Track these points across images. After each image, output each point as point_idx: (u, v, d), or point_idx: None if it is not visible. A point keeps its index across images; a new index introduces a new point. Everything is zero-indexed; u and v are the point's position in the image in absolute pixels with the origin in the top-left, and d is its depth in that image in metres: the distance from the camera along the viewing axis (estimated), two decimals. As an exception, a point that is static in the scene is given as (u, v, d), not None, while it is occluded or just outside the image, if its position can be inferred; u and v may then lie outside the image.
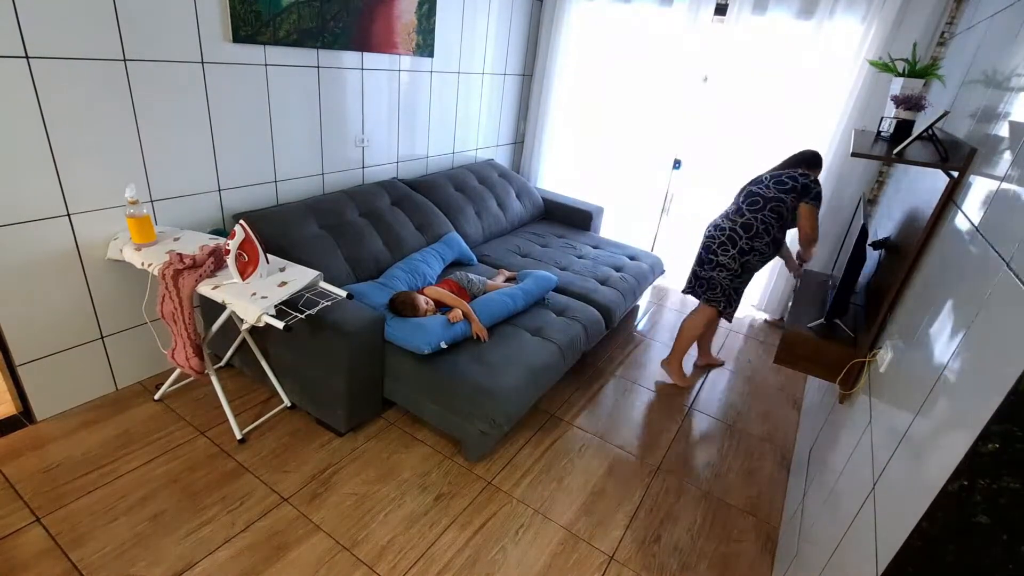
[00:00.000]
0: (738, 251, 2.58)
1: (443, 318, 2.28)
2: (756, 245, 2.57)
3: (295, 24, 2.44)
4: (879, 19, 2.94)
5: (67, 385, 2.20)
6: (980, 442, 0.78)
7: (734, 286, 2.66)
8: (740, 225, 2.58)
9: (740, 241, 2.57)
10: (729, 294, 2.68)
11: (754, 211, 2.55)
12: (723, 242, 2.62)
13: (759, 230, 2.54)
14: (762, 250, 2.58)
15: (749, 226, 2.56)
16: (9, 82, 1.73)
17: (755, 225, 2.54)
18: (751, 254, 2.59)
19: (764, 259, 2.65)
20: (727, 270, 2.62)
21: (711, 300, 2.70)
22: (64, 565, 1.64)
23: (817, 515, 1.62)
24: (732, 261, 2.59)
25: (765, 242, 2.56)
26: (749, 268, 2.65)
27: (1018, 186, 1.05)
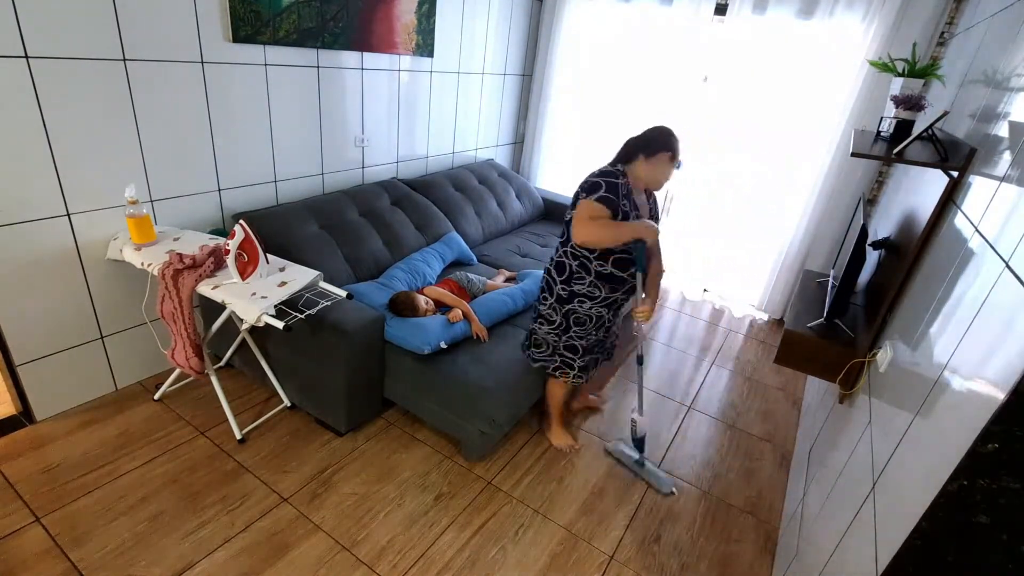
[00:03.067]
0: (556, 299, 2.01)
1: (443, 318, 2.28)
2: (577, 289, 1.95)
3: (295, 24, 2.44)
4: (879, 19, 2.94)
5: (67, 385, 2.20)
6: (980, 442, 0.78)
7: (566, 343, 2.06)
8: (554, 266, 1.99)
9: (556, 287, 1.99)
10: (561, 354, 2.09)
11: (563, 244, 1.96)
12: (543, 288, 2.07)
13: (573, 268, 1.93)
14: (589, 294, 1.95)
15: (561, 266, 1.96)
16: (9, 82, 1.73)
17: (566, 263, 1.94)
18: (574, 301, 1.97)
19: (605, 303, 1.98)
20: (548, 323, 2.07)
21: (537, 360, 2.16)
22: (64, 565, 1.64)
23: (817, 515, 1.62)
24: (552, 312, 2.04)
25: (589, 282, 1.94)
26: (584, 319, 2.00)
27: (1018, 186, 1.05)
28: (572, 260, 1.94)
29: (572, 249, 1.92)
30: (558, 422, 2.37)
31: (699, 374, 3.08)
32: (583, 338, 2.06)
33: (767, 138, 3.51)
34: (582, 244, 1.83)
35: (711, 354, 3.31)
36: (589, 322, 2.03)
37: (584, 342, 2.07)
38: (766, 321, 3.83)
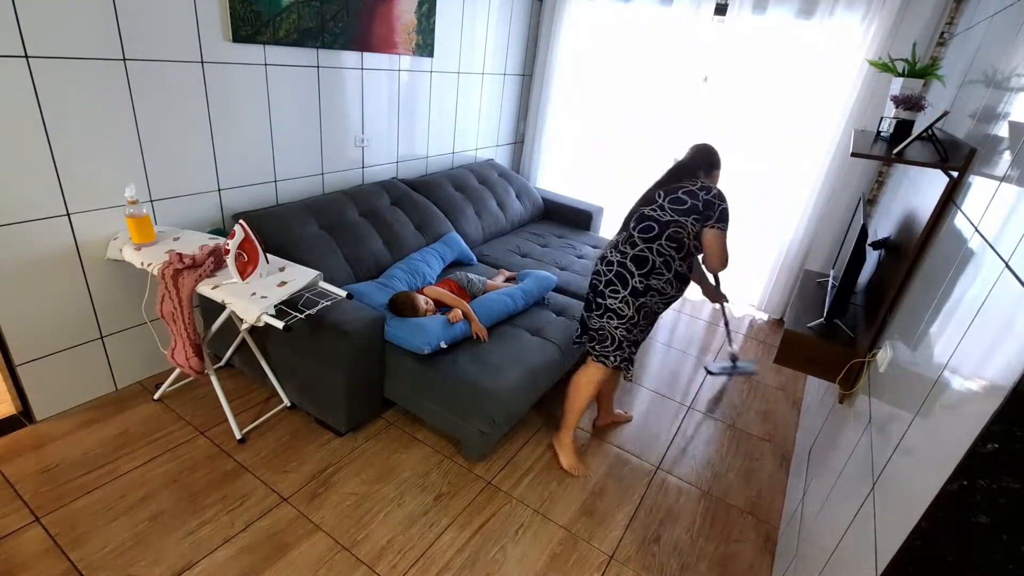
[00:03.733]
0: (630, 292, 2.00)
1: (443, 318, 2.28)
2: (654, 283, 2.00)
3: (295, 24, 2.44)
4: (879, 19, 2.94)
5: (67, 385, 2.20)
6: (980, 442, 0.78)
7: (631, 338, 2.07)
8: (631, 259, 2.00)
9: (632, 280, 1.99)
10: (625, 348, 2.09)
11: (648, 240, 1.99)
12: (610, 281, 2.03)
13: (656, 264, 1.98)
14: (662, 289, 2.02)
15: (643, 260, 1.99)
16: (9, 82, 1.73)
17: (650, 258, 1.98)
18: (648, 295, 2.01)
19: (667, 300, 2.08)
20: (619, 317, 2.04)
21: (601, 356, 2.13)
22: (64, 565, 1.64)
23: (817, 515, 1.62)
24: (625, 306, 2.02)
25: (666, 279, 2.00)
26: (649, 313, 2.07)
27: (1018, 186, 1.05)
28: (657, 256, 1.99)
29: (660, 246, 1.97)
30: (572, 433, 2.27)
31: (699, 374, 3.08)
32: (645, 331, 2.13)
33: (767, 138, 3.51)
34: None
35: (711, 354, 3.31)
36: (652, 316, 2.10)
37: (643, 336, 2.14)
38: (766, 321, 3.83)
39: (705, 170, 2.11)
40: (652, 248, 1.99)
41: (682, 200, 1.97)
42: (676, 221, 1.96)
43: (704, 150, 2.13)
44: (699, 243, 2.00)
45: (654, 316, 2.12)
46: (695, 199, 1.96)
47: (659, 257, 1.98)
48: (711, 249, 1.98)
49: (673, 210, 1.98)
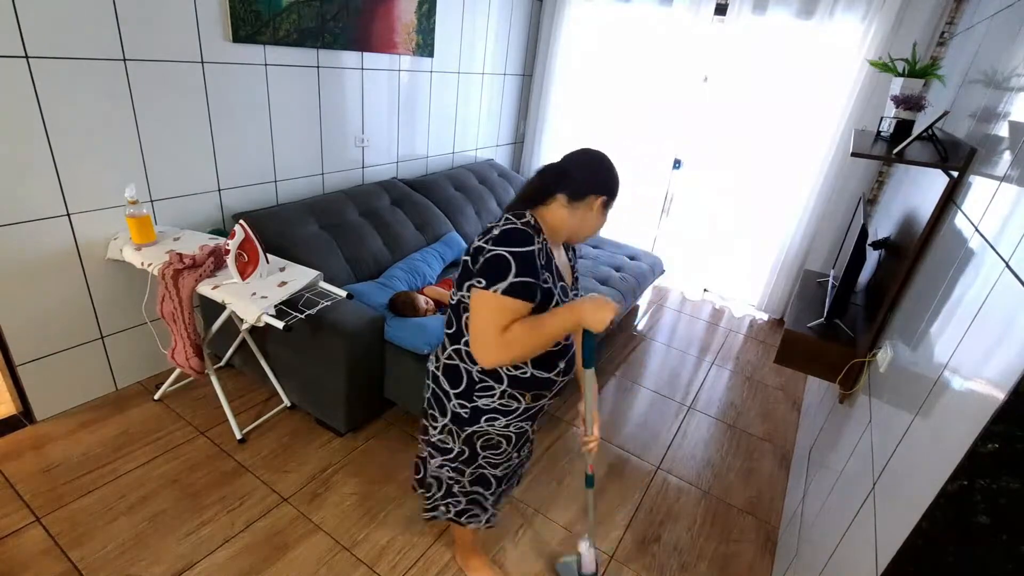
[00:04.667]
0: (452, 420, 1.33)
1: (443, 319, 2.28)
2: (484, 404, 1.30)
3: (295, 24, 2.44)
4: (879, 19, 2.94)
5: (67, 385, 2.20)
6: (980, 442, 0.78)
7: (470, 476, 1.44)
8: (441, 370, 1.33)
9: (449, 403, 1.33)
10: (469, 492, 1.49)
11: (451, 337, 1.30)
12: (428, 399, 1.40)
13: (473, 377, 1.29)
14: (503, 408, 1.31)
15: (454, 372, 1.30)
16: (9, 82, 1.73)
17: (461, 368, 1.29)
18: (479, 421, 1.32)
19: (520, 418, 1.34)
20: (442, 451, 1.42)
21: (429, 508, 1.58)
22: (64, 565, 1.64)
23: (817, 515, 1.62)
24: (449, 437, 1.37)
25: (500, 392, 1.29)
26: (493, 443, 1.36)
27: (1018, 186, 1.05)
28: (471, 363, 1.27)
29: (468, 348, 1.23)
30: (480, 561, 1.75)
31: (699, 374, 3.08)
32: (498, 466, 1.43)
33: (767, 138, 3.51)
34: (496, 365, 1.19)
35: (711, 354, 3.31)
36: (507, 443, 1.38)
37: (500, 471, 1.44)
38: (766, 321, 3.83)
39: (571, 195, 1.22)
40: (459, 351, 1.28)
41: (463, 263, 1.21)
42: (460, 300, 1.23)
43: (573, 163, 1.25)
44: None
45: (521, 438, 1.40)
46: (468, 252, 1.20)
47: (473, 363, 1.27)
48: (470, 323, 1.17)
49: (456, 281, 1.24)
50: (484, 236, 1.17)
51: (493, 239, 1.14)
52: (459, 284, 1.21)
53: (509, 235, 1.14)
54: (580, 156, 1.26)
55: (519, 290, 1.11)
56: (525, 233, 1.14)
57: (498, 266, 1.11)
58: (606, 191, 1.25)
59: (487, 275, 1.12)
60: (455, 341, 1.28)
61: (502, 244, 1.12)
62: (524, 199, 1.24)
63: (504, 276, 1.11)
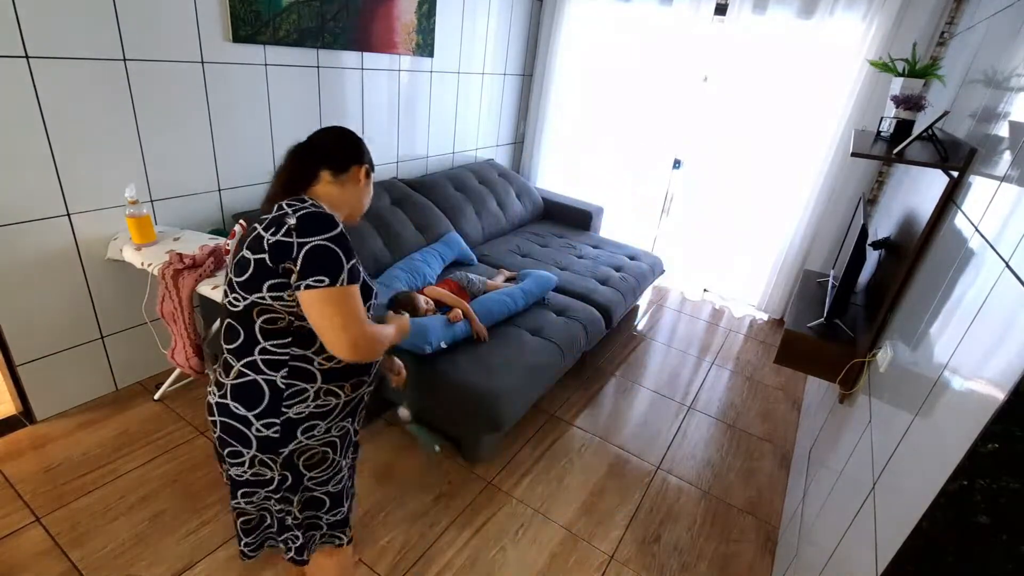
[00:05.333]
0: (260, 446, 1.13)
1: (443, 318, 2.28)
2: (297, 413, 1.12)
3: (295, 24, 2.44)
4: (879, 18, 2.94)
5: (67, 385, 2.20)
6: (980, 442, 0.78)
7: (303, 500, 1.24)
8: (233, 391, 1.13)
9: (250, 428, 1.11)
10: (314, 519, 1.31)
11: (238, 350, 1.14)
12: (220, 435, 1.17)
13: (279, 385, 1.11)
14: (320, 410, 1.15)
15: (252, 390, 1.11)
16: (9, 82, 1.73)
17: (260, 381, 1.10)
18: (296, 435, 1.13)
19: (341, 416, 1.20)
20: (261, 485, 1.20)
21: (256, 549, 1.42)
22: (64, 565, 1.64)
23: (817, 515, 1.62)
24: (264, 468, 1.17)
25: (316, 391, 1.13)
26: (318, 459, 1.19)
27: (1018, 186, 1.05)
28: (272, 371, 1.09)
29: (273, 350, 1.08)
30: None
31: (699, 374, 3.08)
32: (329, 481, 1.24)
33: (767, 138, 3.50)
34: (364, 358, 1.09)
35: (711, 354, 3.31)
36: (333, 451, 1.21)
37: (333, 486, 1.25)
38: (766, 321, 3.83)
39: (334, 170, 1.16)
40: (255, 363, 1.09)
41: (244, 263, 1.04)
42: (253, 303, 1.06)
43: (323, 140, 1.19)
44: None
45: (345, 440, 1.24)
46: (260, 249, 1.02)
47: (276, 370, 1.09)
48: (316, 324, 1.03)
49: (240, 284, 1.05)
50: (275, 228, 1.01)
51: (298, 230, 1.00)
52: (250, 286, 1.04)
53: (315, 221, 1.02)
54: (328, 132, 1.21)
55: (355, 275, 1.05)
56: (325, 215, 1.04)
57: (327, 257, 1.00)
58: (366, 160, 1.25)
59: (324, 271, 1.00)
60: (246, 353, 1.10)
61: (313, 233, 1.00)
62: (287, 184, 1.13)
63: (340, 267, 1.01)
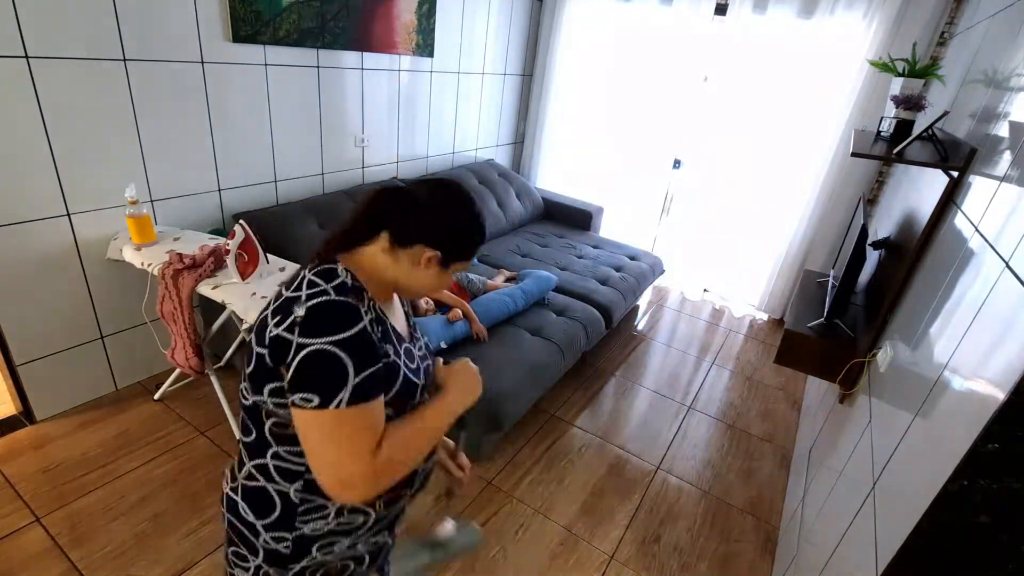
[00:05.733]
0: (266, 558, 0.98)
1: (443, 318, 2.28)
2: (312, 530, 0.93)
3: (295, 24, 2.44)
4: (879, 18, 2.94)
5: (67, 385, 2.19)
6: (980, 442, 0.78)
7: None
8: (244, 496, 0.99)
9: (259, 538, 0.99)
10: None
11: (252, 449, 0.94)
12: (231, 538, 1.09)
13: (292, 498, 0.92)
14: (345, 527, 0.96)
15: (261, 498, 0.96)
16: (9, 82, 1.73)
17: (271, 490, 0.93)
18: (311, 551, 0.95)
19: (373, 532, 1.05)
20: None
21: None
22: (64, 565, 1.64)
23: (817, 515, 1.62)
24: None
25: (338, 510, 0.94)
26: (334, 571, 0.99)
27: (1018, 186, 1.05)
28: (286, 481, 0.91)
29: (287, 456, 0.89)
30: None
31: (699, 374, 3.08)
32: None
33: (767, 138, 3.50)
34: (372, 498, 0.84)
35: (711, 354, 3.31)
36: (359, 563, 1.04)
37: None
38: (766, 321, 3.83)
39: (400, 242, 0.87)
40: (264, 467, 0.92)
41: (250, 351, 0.84)
42: (257, 404, 0.86)
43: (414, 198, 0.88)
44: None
45: (379, 550, 1.10)
46: (262, 341, 0.81)
47: (290, 482, 0.90)
48: (304, 449, 0.81)
49: (247, 376, 0.85)
50: (281, 316, 0.78)
51: (301, 325, 0.76)
52: (254, 382, 0.83)
53: (325, 316, 0.77)
54: (431, 189, 0.89)
55: (367, 390, 0.77)
56: (345, 308, 0.78)
57: (327, 369, 0.75)
58: (441, 247, 0.87)
59: (315, 387, 0.75)
60: (258, 454, 0.91)
61: (318, 333, 0.76)
62: (344, 235, 0.89)
63: (342, 382, 0.75)
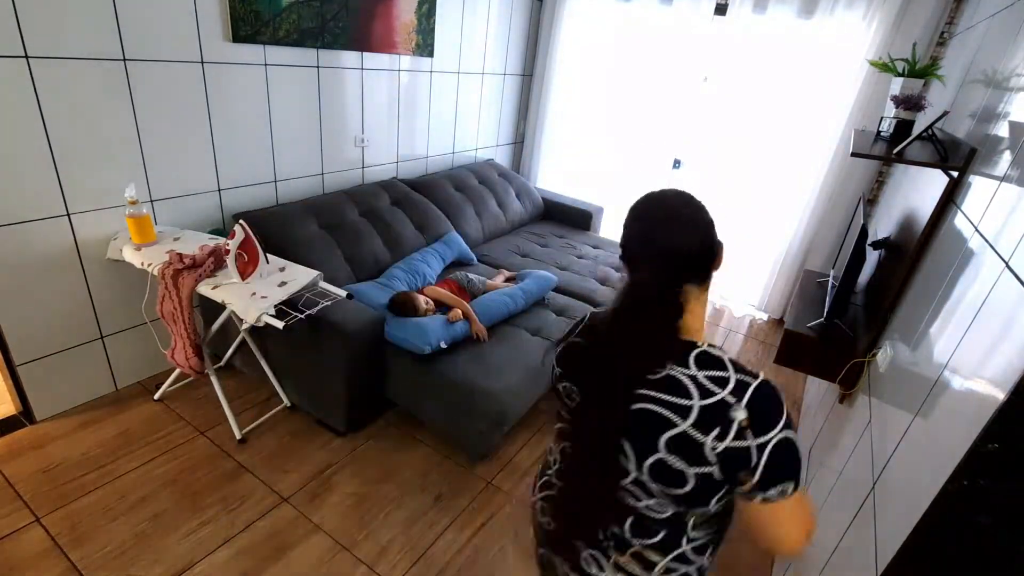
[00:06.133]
0: None
1: (443, 318, 2.28)
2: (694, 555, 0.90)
3: (295, 24, 2.44)
4: (879, 18, 2.94)
5: (67, 385, 2.19)
6: (980, 442, 0.78)
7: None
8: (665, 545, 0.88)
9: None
10: None
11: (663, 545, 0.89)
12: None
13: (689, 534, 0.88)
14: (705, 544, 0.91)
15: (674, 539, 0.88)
16: (9, 82, 1.73)
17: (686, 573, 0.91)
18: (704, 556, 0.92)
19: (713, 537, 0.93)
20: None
21: None
22: (64, 565, 1.64)
23: (817, 515, 1.62)
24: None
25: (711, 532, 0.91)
26: None
27: (1018, 186, 1.05)
28: (700, 556, 0.91)
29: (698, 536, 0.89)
30: None
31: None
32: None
33: (767, 138, 3.50)
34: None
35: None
36: None
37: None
38: (766, 321, 3.83)
39: (702, 276, 0.88)
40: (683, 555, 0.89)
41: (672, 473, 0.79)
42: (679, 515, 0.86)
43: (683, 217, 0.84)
44: None
45: None
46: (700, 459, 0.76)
47: (691, 563, 0.91)
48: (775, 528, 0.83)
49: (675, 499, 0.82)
50: (719, 428, 0.74)
51: (752, 428, 0.73)
52: (694, 501, 0.79)
53: (775, 399, 0.76)
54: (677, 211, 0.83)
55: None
56: (770, 386, 0.77)
57: (795, 456, 0.77)
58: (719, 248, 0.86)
59: (794, 473, 0.77)
60: (672, 547, 0.87)
61: (769, 427, 0.74)
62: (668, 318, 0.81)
63: (800, 464, 0.77)
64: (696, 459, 0.75)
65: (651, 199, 0.85)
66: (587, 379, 0.88)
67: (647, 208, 0.85)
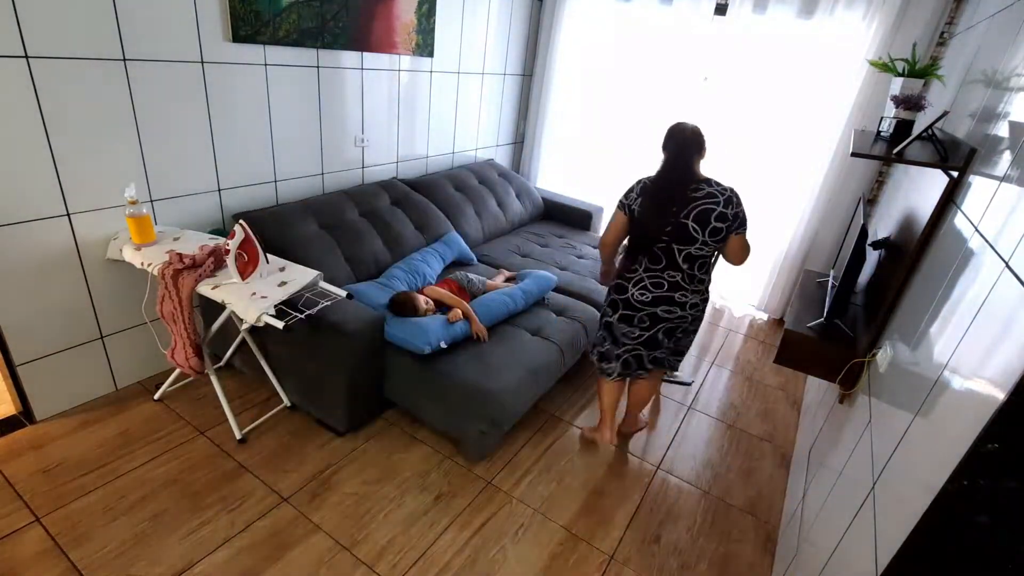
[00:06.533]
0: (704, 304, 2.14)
1: (443, 318, 2.28)
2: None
3: (295, 24, 2.44)
4: (879, 18, 2.94)
5: (67, 385, 2.19)
6: (980, 442, 0.78)
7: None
8: (705, 299, 2.14)
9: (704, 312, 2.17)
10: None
11: (706, 276, 2.09)
12: (691, 289, 2.05)
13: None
14: None
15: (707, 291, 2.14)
16: (9, 82, 1.73)
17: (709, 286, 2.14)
18: None
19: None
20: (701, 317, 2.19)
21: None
22: (64, 565, 1.64)
23: (817, 515, 1.62)
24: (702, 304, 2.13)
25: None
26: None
27: (1018, 186, 1.05)
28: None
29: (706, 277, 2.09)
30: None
31: (699, 374, 3.08)
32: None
33: (767, 138, 3.51)
34: None
35: (711, 354, 3.31)
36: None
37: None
38: (766, 321, 3.83)
39: (700, 156, 2.02)
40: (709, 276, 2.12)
41: (715, 229, 1.91)
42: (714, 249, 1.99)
43: (686, 132, 2.01)
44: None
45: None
46: (723, 219, 1.91)
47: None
48: (746, 250, 2.01)
49: (708, 243, 1.93)
50: (730, 203, 1.89)
51: (735, 203, 1.91)
52: (716, 239, 1.91)
53: (738, 194, 1.95)
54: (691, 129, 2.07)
55: None
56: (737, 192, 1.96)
57: (746, 216, 1.95)
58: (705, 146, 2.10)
59: (747, 223, 1.95)
60: (708, 273, 2.08)
61: (740, 202, 1.93)
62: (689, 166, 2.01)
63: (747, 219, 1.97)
64: (724, 219, 1.88)
65: (679, 124, 2.02)
66: (652, 199, 1.99)
67: (678, 128, 2.01)
